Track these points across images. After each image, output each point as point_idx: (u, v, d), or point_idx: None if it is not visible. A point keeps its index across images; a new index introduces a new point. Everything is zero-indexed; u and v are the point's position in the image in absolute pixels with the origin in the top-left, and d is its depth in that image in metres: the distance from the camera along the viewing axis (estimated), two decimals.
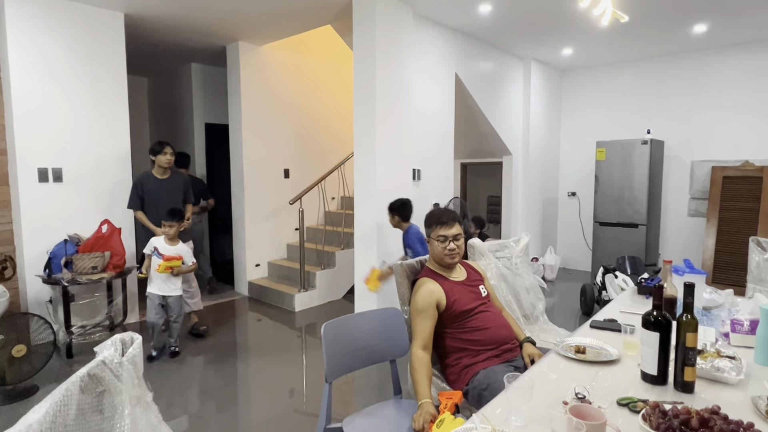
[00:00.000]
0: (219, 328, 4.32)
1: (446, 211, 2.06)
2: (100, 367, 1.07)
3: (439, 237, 1.97)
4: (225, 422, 2.64)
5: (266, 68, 5.24)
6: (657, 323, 1.39)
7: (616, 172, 5.44)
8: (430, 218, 2.05)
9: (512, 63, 5.54)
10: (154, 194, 3.79)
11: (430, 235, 2.01)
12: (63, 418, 0.90)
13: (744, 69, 5.13)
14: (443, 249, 1.96)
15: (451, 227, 1.97)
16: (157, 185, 3.82)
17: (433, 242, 2.00)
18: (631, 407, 1.27)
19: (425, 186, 4.38)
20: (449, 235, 1.96)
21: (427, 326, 1.87)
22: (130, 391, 1.13)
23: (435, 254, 2.01)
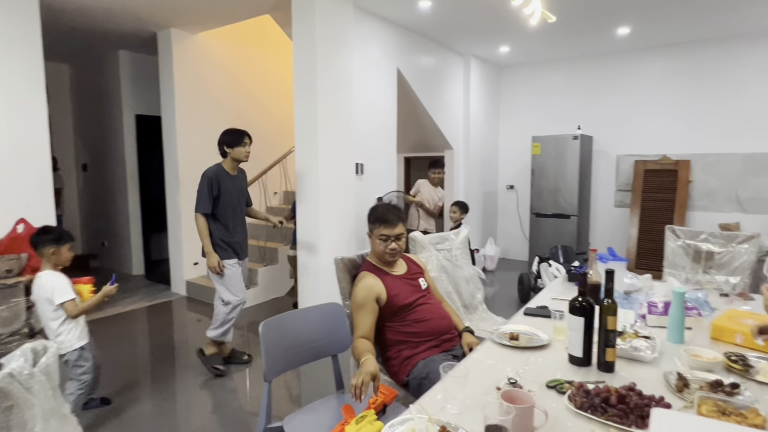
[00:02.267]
0: (156, 331, 4.11)
1: (391, 208, 2.02)
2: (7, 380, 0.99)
3: (382, 236, 1.96)
4: (163, 425, 2.52)
5: (201, 57, 5.02)
6: (582, 308, 1.48)
7: (550, 166, 5.72)
8: (374, 214, 2.01)
9: (453, 59, 5.65)
10: (228, 194, 3.12)
11: (372, 231, 1.99)
12: None
13: (663, 70, 5.54)
14: (384, 248, 1.96)
15: (395, 227, 1.95)
16: (230, 183, 3.16)
17: (375, 239, 1.98)
18: (558, 389, 1.34)
19: (368, 180, 4.38)
20: (392, 234, 1.95)
21: (368, 320, 1.88)
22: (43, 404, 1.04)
23: (376, 251, 2.00)
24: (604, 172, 5.99)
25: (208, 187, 3.04)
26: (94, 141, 6.09)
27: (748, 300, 2.22)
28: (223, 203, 3.10)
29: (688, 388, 1.33)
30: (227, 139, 3.17)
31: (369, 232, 2.03)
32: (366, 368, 1.62)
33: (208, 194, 3.03)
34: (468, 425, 1.15)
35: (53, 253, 2.40)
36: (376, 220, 1.98)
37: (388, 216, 1.96)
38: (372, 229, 2.00)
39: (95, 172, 6.17)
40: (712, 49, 5.22)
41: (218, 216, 3.10)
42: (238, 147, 3.15)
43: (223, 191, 3.09)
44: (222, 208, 3.10)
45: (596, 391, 1.25)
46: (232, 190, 3.15)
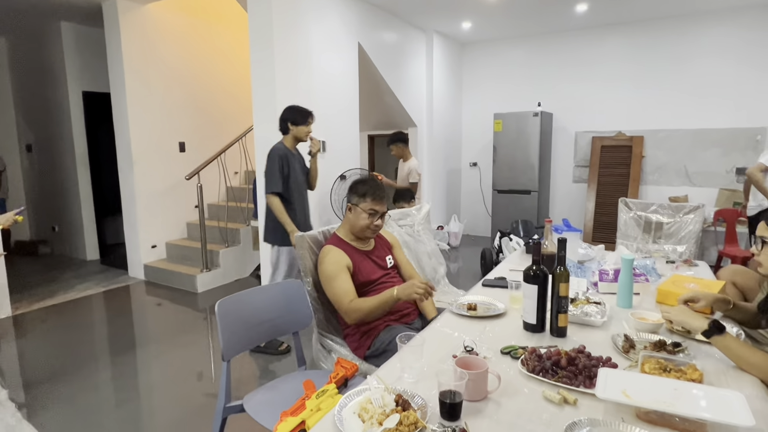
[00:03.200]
0: (113, 317, 3.98)
1: (379, 185, 1.97)
2: None
3: (371, 210, 1.90)
4: (125, 414, 2.45)
5: (152, 30, 4.76)
6: (535, 276, 1.51)
7: (511, 143, 5.80)
8: (362, 187, 1.94)
9: (415, 35, 5.58)
10: (294, 173, 3.01)
11: (358, 204, 1.92)
12: None
13: (618, 47, 5.67)
14: (370, 223, 1.91)
15: (383, 204, 1.92)
16: (294, 161, 3.05)
17: (360, 212, 1.92)
18: (512, 354, 1.38)
19: (331, 158, 4.31)
20: (380, 210, 1.91)
21: (349, 284, 1.85)
22: None
23: (357, 225, 1.93)
24: (563, 148, 6.13)
25: (279, 165, 2.92)
26: (38, 119, 5.73)
27: (692, 266, 2.34)
28: (292, 183, 3.00)
29: (633, 349, 1.39)
30: (292, 116, 3.05)
31: (352, 204, 1.95)
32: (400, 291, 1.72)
33: (279, 173, 2.92)
34: (424, 393, 1.16)
35: None
36: (365, 193, 1.91)
37: (378, 192, 1.92)
38: (358, 202, 1.92)
39: (41, 153, 5.82)
40: (664, 27, 5.37)
41: (285, 195, 2.98)
42: (302, 125, 3.04)
43: (292, 170, 2.99)
44: (291, 187, 3.00)
45: (548, 354, 1.29)
46: (297, 169, 3.05)
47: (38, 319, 3.80)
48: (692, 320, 1.37)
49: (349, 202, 1.97)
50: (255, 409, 1.66)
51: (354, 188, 1.98)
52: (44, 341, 3.38)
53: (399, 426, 1.02)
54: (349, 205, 1.98)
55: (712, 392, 1.07)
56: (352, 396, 1.17)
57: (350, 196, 1.98)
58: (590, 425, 1.02)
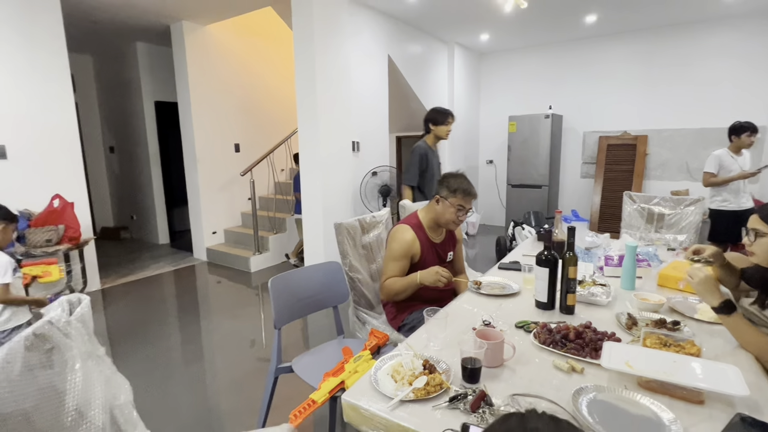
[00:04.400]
0: (182, 291, 4.15)
1: (470, 183, 1.85)
2: (47, 326, 1.00)
3: (459, 206, 1.80)
4: (190, 373, 2.58)
5: (211, 47, 4.87)
6: (547, 260, 1.50)
7: (524, 142, 5.67)
8: (456, 183, 1.81)
9: (438, 46, 5.51)
10: (431, 169, 3.04)
11: (447, 198, 1.81)
12: (7, 374, 0.83)
13: (624, 54, 5.44)
14: (456, 217, 1.81)
15: (472, 201, 1.84)
16: (433, 158, 3.08)
17: (448, 206, 1.81)
18: (525, 328, 1.37)
19: (363, 156, 4.34)
20: (467, 207, 1.82)
21: (398, 271, 1.82)
22: (80, 347, 1.06)
23: (442, 217, 1.83)
24: (572, 146, 5.96)
25: (420, 161, 2.95)
26: (119, 125, 5.97)
27: None
28: (428, 177, 2.99)
29: (636, 326, 1.36)
30: (434, 116, 3.05)
31: (441, 197, 1.83)
32: (424, 274, 1.69)
33: (418, 168, 2.95)
34: (447, 359, 1.18)
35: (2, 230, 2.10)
36: (458, 189, 1.80)
37: (472, 189, 1.82)
38: (448, 197, 1.81)
39: (121, 154, 6.08)
40: (668, 33, 5.12)
41: (423, 189, 3.01)
42: (442, 125, 3.03)
43: (429, 166, 3.00)
44: (427, 181, 3.00)
45: (557, 329, 1.28)
46: (434, 165, 3.06)
47: (122, 292, 4.00)
48: (709, 295, 1.26)
49: (438, 194, 1.84)
50: (302, 370, 1.72)
51: (446, 182, 1.84)
52: (126, 311, 3.57)
53: (426, 386, 1.04)
54: (437, 197, 1.84)
55: (709, 365, 1.05)
56: (385, 360, 1.20)
57: (440, 189, 1.84)
58: (596, 391, 1.01)
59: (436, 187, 1.90)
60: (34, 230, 3.14)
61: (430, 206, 1.91)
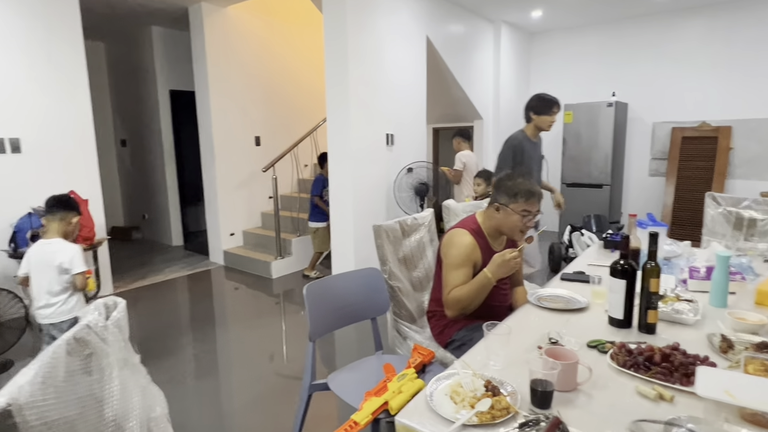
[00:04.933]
0: (197, 298, 4.29)
1: (532, 182, 1.78)
2: (86, 330, 1.06)
3: (524, 211, 1.73)
4: (207, 387, 2.66)
5: (232, 31, 5.02)
6: (624, 271, 1.47)
7: (582, 135, 5.56)
8: (516, 186, 1.74)
9: (483, 26, 5.48)
10: (529, 162, 2.99)
11: (508, 204, 1.74)
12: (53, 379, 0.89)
13: (702, 31, 5.24)
14: (521, 224, 1.75)
15: (537, 202, 1.76)
16: (531, 150, 3.02)
17: (510, 213, 1.75)
18: (599, 348, 1.35)
19: (398, 151, 4.36)
20: (534, 210, 1.75)
21: (464, 277, 1.76)
22: (116, 354, 1.12)
23: (505, 225, 1.78)
24: (638, 140, 5.79)
25: (511, 154, 2.93)
26: (131, 117, 6.24)
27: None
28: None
29: (732, 349, 1.32)
30: (536, 105, 3.01)
31: (500, 204, 1.77)
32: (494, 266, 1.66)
33: (510, 163, 2.93)
34: (511, 380, 1.18)
35: (62, 219, 2.36)
36: (519, 193, 1.73)
37: (534, 190, 1.74)
38: (508, 203, 1.75)
39: (134, 147, 6.35)
40: (754, 8, 4.89)
41: None
42: (544, 115, 2.98)
43: (525, 158, 2.95)
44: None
45: (639, 350, 1.25)
46: (533, 157, 3.00)
47: (134, 297, 4.17)
48: None
49: (496, 201, 1.79)
50: (339, 387, 1.75)
51: (502, 186, 1.78)
52: (139, 318, 3.72)
53: (491, 410, 1.04)
54: (496, 205, 1.79)
55: None
56: (441, 379, 1.21)
57: (498, 195, 1.78)
58: (692, 422, 0.99)
59: (492, 193, 1.87)
60: None
61: (489, 213, 1.86)
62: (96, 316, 1.11)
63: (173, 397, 2.51)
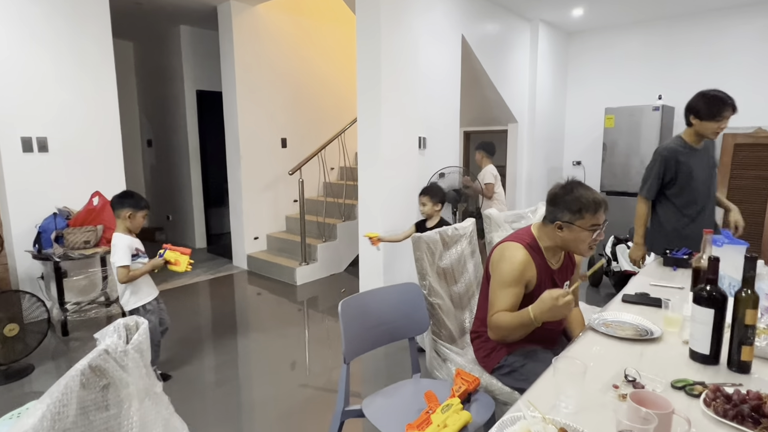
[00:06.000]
0: (219, 303, 4.21)
1: (593, 189, 1.62)
2: (103, 357, 0.94)
3: (592, 227, 1.56)
4: (226, 401, 2.55)
5: (261, 30, 4.97)
6: (712, 299, 1.28)
7: (625, 140, 5.30)
8: (579, 201, 1.56)
9: (519, 25, 5.29)
10: (687, 174, 2.50)
11: (574, 222, 1.57)
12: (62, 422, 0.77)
13: (757, 31, 4.93)
14: (591, 241, 1.59)
15: (604, 213, 1.59)
16: (693, 160, 2.50)
17: (578, 231, 1.58)
18: (687, 390, 1.17)
19: (430, 155, 4.21)
20: (601, 222, 1.58)
21: (511, 302, 1.61)
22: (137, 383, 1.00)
23: (574, 244, 1.61)
24: None
25: (659, 169, 2.51)
26: (158, 117, 6.26)
27: None
28: (681, 185, 2.50)
29: None
30: (699, 106, 2.44)
31: (564, 223, 1.60)
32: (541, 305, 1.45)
33: (656, 177, 2.53)
34: (587, 427, 1.01)
35: (129, 216, 2.51)
36: (583, 207, 1.55)
37: (599, 199, 1.57)
38: (574, 220, 1.57)
39: (159, 148, 6.37)
40: None
41: (674, 201, 2.55)
42: (709, 121, 2.41)
43: (682, 171, 2.49)
44: (680, 190, 2.52)
45: (740, 396, 1.07)
46: (695, 168, 2.49)
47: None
48: None
49: (558, 219, 1.62)
50: (375, 415, 1.61)
51: (562, 202, 1.60)
52: None
53: None
54: (558, 224, 1.62)
55: None
56: (505, 423, 1.05)
57: (559, 213, 1.61)
58: None
59: (549, 211, 1.68)
60: (72, 230, 3.29)
61: (549, 232, 1.67)
62: (115, 340, 1.00)
63: (188, 415, 2.41)
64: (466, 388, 1.67)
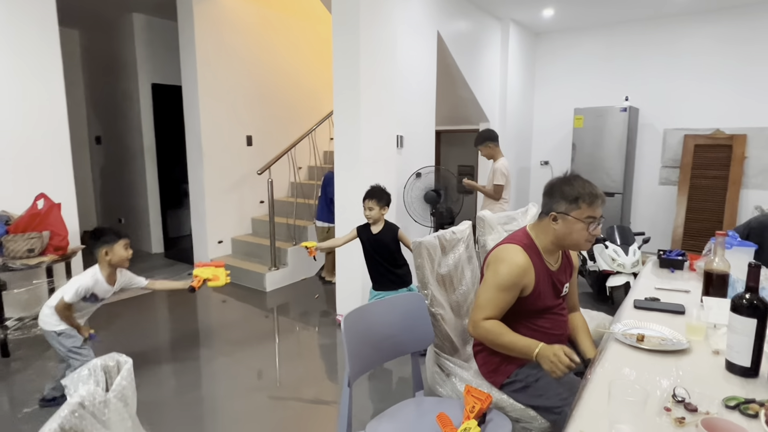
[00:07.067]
0: (180, 314, 3.90)
1: (589, 182, 1.57)
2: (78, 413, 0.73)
3: (589, 218, 1.51)
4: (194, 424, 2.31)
5: (224, 21, 4.66)
6: (754, 307, 1.21)
7: (593, 140, 5.38)
8: (575, 190, 1.51)
9: (491, 23, 5.26)
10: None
11: (569, 212, 1.52)
12: None
13: (718, 36, 5.13)
14: (587, 233, 1.52)
15: (601, 206, 1.53)
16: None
17: (573, 222, 1.52)
18: (742, 410, 1.08)
19: (407, 155, 4.09)
20: (598, 216, 1.52)
21: (503, 306, 1.56)
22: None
23: (569, 237, 1.55)
24: (649, 147, 5.65)
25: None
26: (107, 112, 5.79)
27: None
28: None
29: None
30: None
31: (559, 214, 1.55)
32: (550, 350, 1.41)
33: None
34: None
35: (106, 254, 2.38)
36: (580, 197, 1.50)
37: (597, 191, 1.52)
38: (569, 210, 1.52)
39: (110, 145, 5.90)
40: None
41: None
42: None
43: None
44: None
45: None
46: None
47: (107, 313, 3.76)
48: None
49: (553, 210, 1.56)
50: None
51: (559, 192, 1.55)
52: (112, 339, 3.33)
53: None
54: (553, 215, 1.56)
55: None
56: None
57: (554, 203, 1.56)
58: None
59: (545, 203, 1.62)
60: (13, 237, 2.91)
61: (543, 226, 1.62)
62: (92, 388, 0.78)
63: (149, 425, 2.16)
64: (480, 406, 1.54)
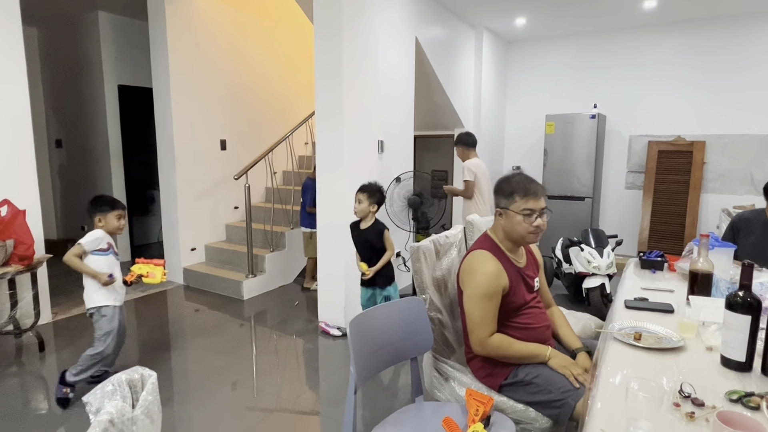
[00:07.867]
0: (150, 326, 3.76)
1: (530, 178, 1.68)
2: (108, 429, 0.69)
3: (525, 210, 1.60)
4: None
5: (197, 22, 4.55)
6: (747, 305, 1.27)
7: (564, 146, 5.55)
8: (510, 185, 1.65)
9: (465, 31, 5.36)
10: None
11: (509, 206, 1.64)
12: None
13: (678, 47, 5.41)
14: (528, 225, 1.61)
15: (540, 198, 1.63)
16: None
17: (512, 216, 1.63)
18: (744, 403, 1.13)
19: (388, 159, 4.10)
20: (537, 208, 1.61)
21: (495, 312, 1.64)
22: None
23: (513, 231, 1.65)
24: (615, 152, 5.88)
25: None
26: (69, 114, 5.54)
27: None
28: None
29: None
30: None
31: (501, 209, 1.68)
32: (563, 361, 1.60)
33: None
34: None
35: (100, 221, 2.53)
36: (513, 191, 1.63)
37: (530, 185, 1.63)
38: (507, 204, 1.64)
39: (72, 149, 5.63)
40: (728, 26, 5.12)
41: None
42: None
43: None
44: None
45: None
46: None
47: (75, 326, 3.61)
48: None
49: (497, 206, 1.71)
50: None
51: (498, 189, 1.70)
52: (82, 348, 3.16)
53: None
54: (498, 210, 1.70)
55: None
56: None
57: (497, 200, 1.70)
58: None
59: (494, 202, 1.75)
60: None
61: (497, 225, 1.74)
62: (120, 404, 0.74)
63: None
64: (483, 409, 1.55)
